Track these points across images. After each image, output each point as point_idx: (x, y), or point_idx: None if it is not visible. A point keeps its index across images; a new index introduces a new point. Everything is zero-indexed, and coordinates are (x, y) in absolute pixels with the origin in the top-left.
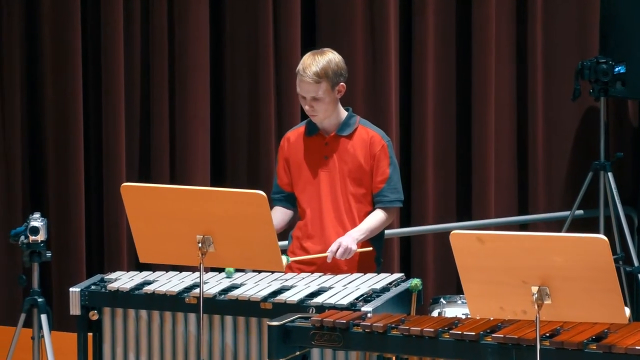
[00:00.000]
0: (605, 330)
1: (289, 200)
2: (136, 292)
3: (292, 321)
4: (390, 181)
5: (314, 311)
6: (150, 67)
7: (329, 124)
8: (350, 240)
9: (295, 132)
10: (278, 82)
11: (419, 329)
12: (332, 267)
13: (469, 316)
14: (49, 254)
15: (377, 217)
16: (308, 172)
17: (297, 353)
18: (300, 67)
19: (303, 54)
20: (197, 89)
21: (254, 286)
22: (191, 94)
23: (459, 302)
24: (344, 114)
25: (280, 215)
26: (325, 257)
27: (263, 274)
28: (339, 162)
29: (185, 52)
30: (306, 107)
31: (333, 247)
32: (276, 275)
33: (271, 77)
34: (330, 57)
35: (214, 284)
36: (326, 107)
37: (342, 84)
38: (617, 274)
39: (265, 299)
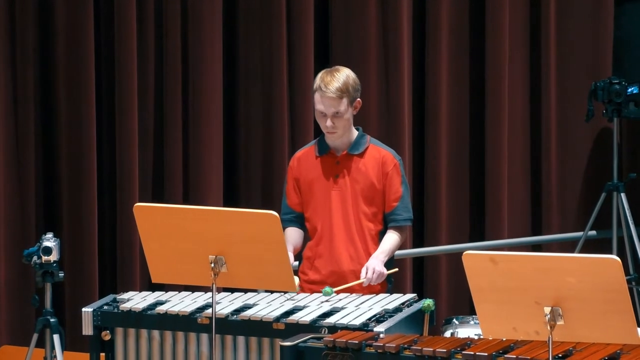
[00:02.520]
0: (618, 351)
1: (300, 221)
2: (149, 312)
3: (305, 341)
4: (403, 200)
5: (326, 331)
6: (164, 87)
7: (340, 142)
8: (379, 264)
9: (305, 152)
10: (291, 102)
11: (432, 349)
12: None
13: (481, 337)
14: (61, 274)
15: (394, 237)
16: (319, 191)
17: None
18: (320, 84)
19: (317, 75)
20: (211, 109)
21: (267, 306)
22: (204, 114)
23: (472, 322)
24: (355, 133)
25: (295, 234)
26: (362, 283)
27: (275, 294)
28: (351, 181)
29: (199, 72)
30: (327, 124)
31: (368, 274)
32: (289, 295)
33: (285, 98)
34: (347, 73)
35: (226, 304)
36: (345, 123)
37: (358, 99)
38: (630, 295)
39: (277, 319)
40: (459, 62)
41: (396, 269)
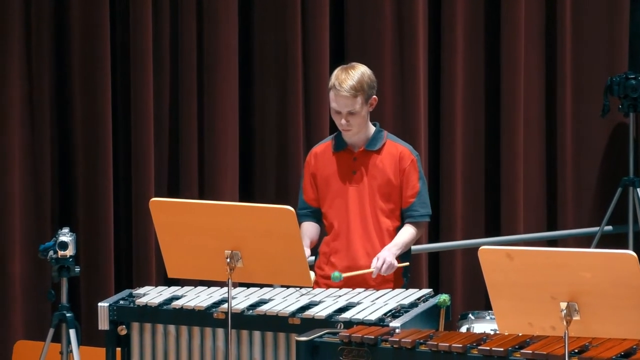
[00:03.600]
0: (634, 347)
1: (316, 216)
2: (164, 307)
3: (321, 336)
4: (420, 196)
5: (342, 326)
6: (179, 82)
7: (358, 139)
8: (390, 255)
9: (322, 147)
10: (306, 97)
11: (448, 344)
12: (360, 282)
13: (497, 332)
14: (77, 269)
15: (409, 232)
16: (336, 187)
17: None
18: (334, 82)
19: (332, 69)
20: (226, 104)
21: (282, 301)
22: (220, 109)
23: (488, 317)
24: (372, 129)
25: (312, 229)
26: (371, 272)
27: (291, 289)
28: (368, 177)
29: (214, 67)
30: (342, 122)
31: (378, 263)
32: (304, 290)
33: (300, 93)
34: (362, 70)
35: (242, 299)
36: (361, 120)
37: (374, 97)
38: None
39: (293, 314)
40: (475, 57)
41: (407, 263)
